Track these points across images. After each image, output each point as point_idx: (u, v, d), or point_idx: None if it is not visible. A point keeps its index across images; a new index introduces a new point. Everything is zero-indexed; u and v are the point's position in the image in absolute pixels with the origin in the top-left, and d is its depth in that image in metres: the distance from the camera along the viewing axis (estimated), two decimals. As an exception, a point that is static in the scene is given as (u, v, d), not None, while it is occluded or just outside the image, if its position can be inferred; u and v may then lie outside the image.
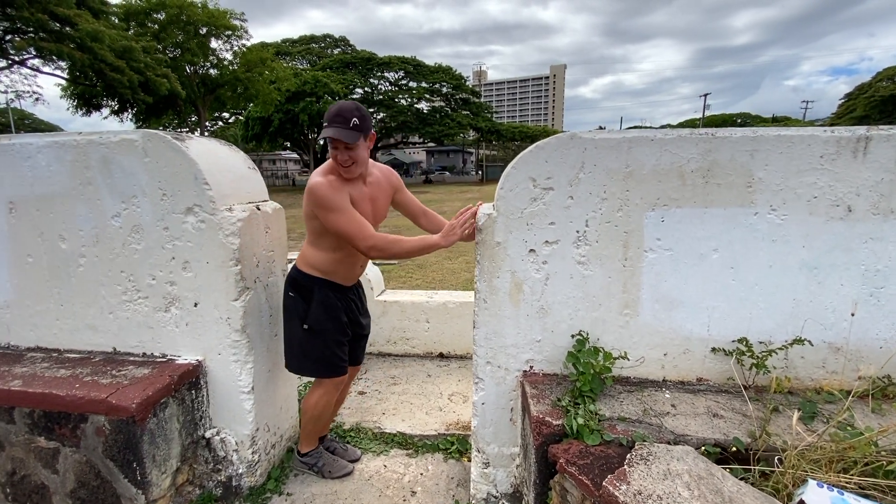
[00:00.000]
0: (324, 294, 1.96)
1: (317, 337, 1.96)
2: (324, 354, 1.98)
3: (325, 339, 1.97)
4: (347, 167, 1.80)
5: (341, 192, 1.79)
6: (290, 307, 1.99)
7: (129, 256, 1.95)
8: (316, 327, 1.95)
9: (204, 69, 25.35)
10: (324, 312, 1.95)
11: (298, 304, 1.96)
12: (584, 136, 1.67)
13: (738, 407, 1.63)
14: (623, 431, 1.46)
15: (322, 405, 2.09)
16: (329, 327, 1.97)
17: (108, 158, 1.88)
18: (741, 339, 1.70)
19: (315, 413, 2.09)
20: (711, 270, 1.71)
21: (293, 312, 1.98)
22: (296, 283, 1.97)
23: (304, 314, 1.95)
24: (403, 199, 2.15)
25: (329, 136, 1.74)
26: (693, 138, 1.64)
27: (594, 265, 1.75)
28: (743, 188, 1.65)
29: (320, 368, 2.01)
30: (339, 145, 1.76)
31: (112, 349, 2.05)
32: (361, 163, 1.83)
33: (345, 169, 1.81)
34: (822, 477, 1.28)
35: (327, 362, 2.00)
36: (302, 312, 1.95)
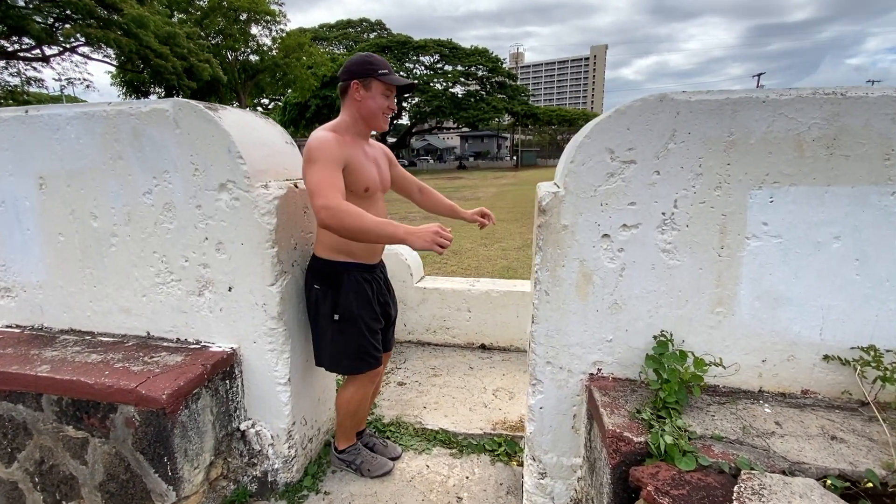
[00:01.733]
0: (353, 279, 1.78)
1: (350, 327, 1.79)
2: (359, 346, 1.81)
3: (359, 328, 1.80)
4: (388, 117, 1.76)
5: (338, 150, 1.60)
6: (317, 300, 1.81)
7: (161, 236, 1.83)
8: (348, 316, 1.78)
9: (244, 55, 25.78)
10: (356, 299, 1.78)
11: (326, 295, 1.78)
12: (678, 98, 1.38)
13: (859, 428, 1.34)
14: (722, 455, 1.21)
15: (357, 400, 1.94)
16: (363, 314, 1.80)
17: (138, 130, 1.75)
18: (869, 347, 1.39)
19: (351, 409, 1.94)
20: (830, 262, 1.41)
21: (321, 305, 1.80)
22: (320, 272, 1.79)
23: (334, 304, 1.77)
24: (398, 173, 2.03)
25: (403, 83, 1.71)
26: (817, 99, 1.32)
27: (682, 254, 1.48)
28: (879, 161, 1.33)
29: (355, 363, 1.84)
30: (393, 94, 1.72)
31: (146, 333, 1.96)
32: None
33: (384, 120, 1.74)
34: None
35: (362, 355, 1.83)
36: (331, 303, 1.78)
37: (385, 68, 1.68)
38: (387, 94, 1.70)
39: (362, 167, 1.70)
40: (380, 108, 1.70)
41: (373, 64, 1.66)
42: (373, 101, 1.69)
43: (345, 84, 1.70)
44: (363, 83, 1.67)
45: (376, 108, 1.70)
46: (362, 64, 1.67)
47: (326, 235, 1.76)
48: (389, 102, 1.72)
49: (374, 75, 1.66)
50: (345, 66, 1.70)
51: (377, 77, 1.66)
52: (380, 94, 1.69)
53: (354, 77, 1.67)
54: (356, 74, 1.66)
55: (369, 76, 1.66)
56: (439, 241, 1.49)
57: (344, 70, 1.70)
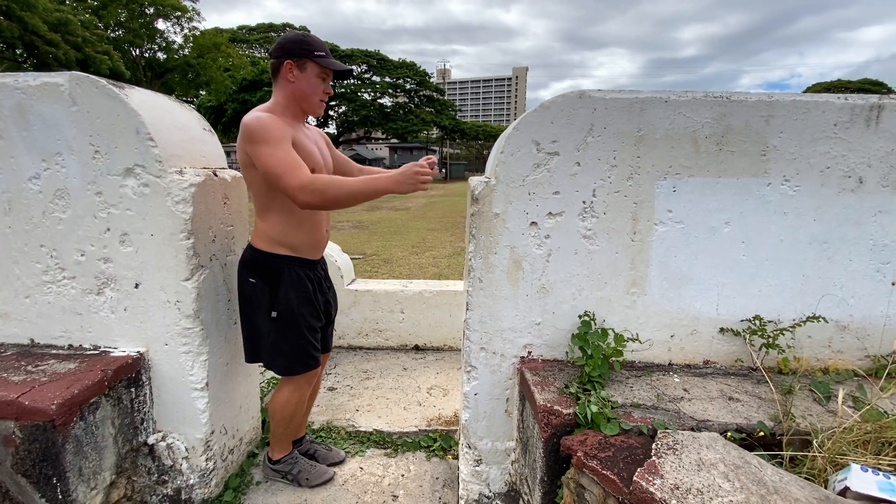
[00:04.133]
0: (294, 274, 1.67)
1: (288, 326, 1.68)
2: (297, 346, 1.70)
3: (298, 327, 1.69)
4: (325, 102, 1.67)
5: (283, 128, 1.51)
6: (252, 295, 1.68)
7: (50, 227, 1.61)
8: (287, 315, 1.66)
9: (151, 52, 23.67)
10: (296, 296, 1.67)
11: (262, 290, 1.66)
12: (594, 95, 1.51)
13: (751, 390, 1.53)
14: (641, 419, 1.31)
15: (294, 404, 1.81)
16: (303, 312, 1.69)
17: (24, 106, 1.54)
18: (755, 318, 1.60)
19: (286, 413, 1.81)
20: (722, 245, 1.60)
21: (256, 301, 1.67)
22: (256, 265, 1.66)
23: (271, 300, 1.66)
24: (338, 156, 1.95)
25: (340, 69, 1.64)
26: (708, 101, 1.51)
27: (601, 239, 1.59)
28: (757, 156, 1.54)
29: (293, 363, 1.72)
30: (329, 78, 1.65)
31: (29, 341, 1.70)
32: None
33: (319, 105, 1.66)
34: (855, 460, 1.17)
35: (300, 355, 1.72)
36: (268, 299, 1.66)
37: (322, 50, 1.60)
38: (322, 76, 1.62)
39: (305, 147, 1.60)
40: (315, 92, 1.62)
41: (309, 44, 1.58)
42: (307, 84, 1.60)
43: (277, 62, 1.59)
44: (297, 63, 1.58)
45: (311, 91, 1.61)
46: (298, 42, 1.58)
47: (268, 226, 1.64)
48: (325, 87, 1.65)
49: (310, 56, 1.57)
50: (278, 43, 1.60)
51: (313, 58, 1.58)
52: (315, 77, 1.60)
53: (288, 56, 1.57)
54: (290, 53, 1.57)
55: (304, 57, 1.57)
56: (422, 178, 1.51)
57: (277, 47, 1.60)
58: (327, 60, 1.61)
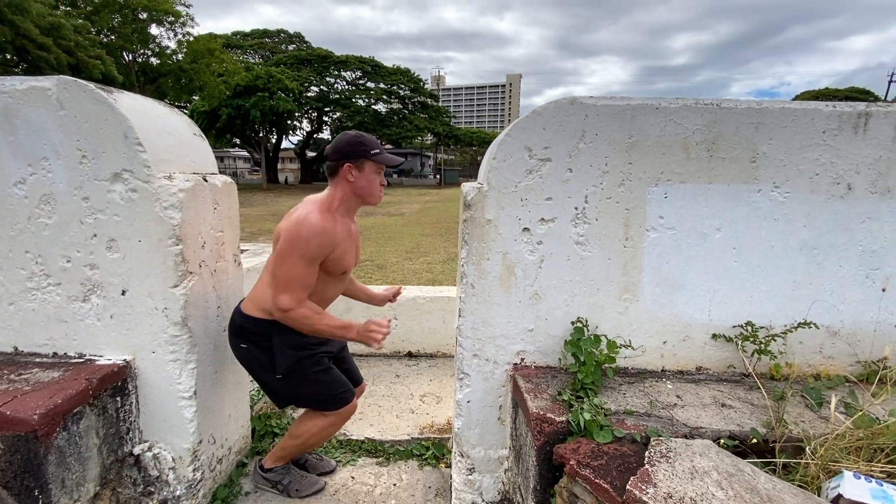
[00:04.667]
0: (283, 334, 1.65)
1: (300, 378, 1.69)
2: (320, 388, 1.73)
3: (309, 375, 1.70)
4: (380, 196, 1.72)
5: (328, 246, 1.58)
6: (249, 360, 1.70)
7: (36, 233, 1.58)
8: (292, 371, 1.66)
9: (144, 57, 23.55)
10: (291, 351, 1.66)
11: (255, 354, 1.67)
12: (586, 102, 1.51)
13: (743, 396, 1.53)
14: (634, 426, 1.30)
15: (325, 436, 1.83)
16: (305, 359, 1.69)
17: (10, 110, 1.51)
18: (747, 324, 1.60)
19: (312, 441, 1.82)
20: (714, 251, 1.60)
21: (255, 364, 1.70)
22: (245, 331, 1.66)
23: (271, 364, 1.65)
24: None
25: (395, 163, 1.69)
26: (698, 108, 1.52)
27: (593, 245, 1.59)
28: (747, 163, 1.55)
29: (324, 403, 1.75)
30: (384, 169, 1.70)
31: (12, 349, 1.66)
32: None
33: (380, 196, 1.71)
34: (847, 466, 1.17)
35: (327, 394, 1.74)
36: (267, 363, 1.66)
37: (376, 147, 1.65)
38: (379, 171, 1.67)
39: (345, 254, 1.67)
40: (374, 187, 1.67)
41: (364, 144, 1.62)
42: (366, 181, 1.64)
43: (335, 164, 1.63)
44: (356, 164, 1.61)
45: (370, 186, 1.66)
46: (354, 145, 1.61)
47: (261, 293, 1.65)
48: (381, 179, 1.70)
49: (367, 156, 1.62)
50: (335, 146, 1.64)
51: (370, 158, 1.62)
52: (373, 174, 1.65)
53: (346, 158, 1.61)
54: (347, 156, 1.61)
55: (361, 157, 1.61)
56: (373, 336, 1.59)
57: (334, 150, 1.64)
58: (383, 157, 1.65)
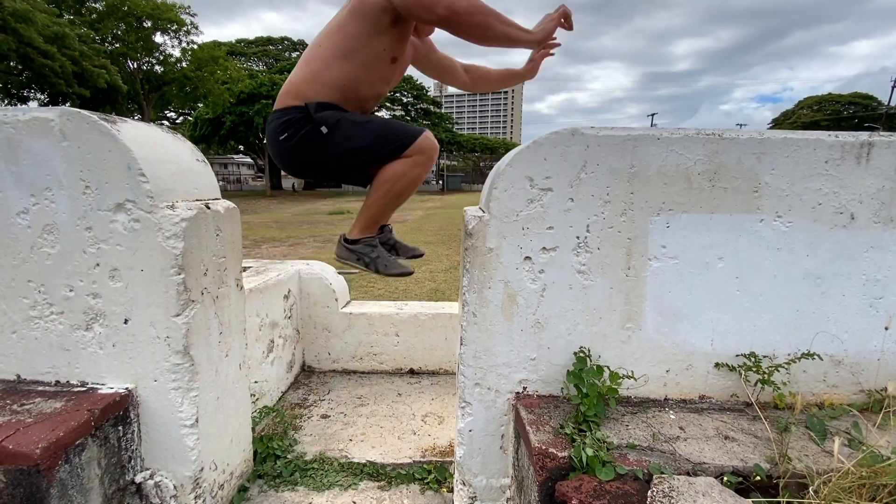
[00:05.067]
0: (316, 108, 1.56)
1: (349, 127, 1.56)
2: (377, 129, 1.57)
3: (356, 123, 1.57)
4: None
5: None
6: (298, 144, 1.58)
7: (39, 262, 1.59)
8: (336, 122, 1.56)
9: (148, 66, 23.76)
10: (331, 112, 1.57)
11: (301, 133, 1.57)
12: (587, 132, 1.51)
13: (746, 427, 1.51)
14: (636, 462, 1.29)
15: (410, 179, 1.61)
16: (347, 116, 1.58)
17: (13, 141, 1.53)
18: (750, 354, 1.59)
19: (397, 188, 1.61)
20: (716, 280, 1.60)
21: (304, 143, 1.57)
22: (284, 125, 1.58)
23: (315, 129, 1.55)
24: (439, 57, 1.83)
25: None
26: (700, 138, 1.52)
27: (595, 274, 1.59)
28: (749, 193, 1.55)
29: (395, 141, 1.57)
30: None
31: (15, 377, 1.66)
32: None
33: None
34: (853, 507, 1.16)
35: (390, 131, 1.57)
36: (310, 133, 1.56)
37: None
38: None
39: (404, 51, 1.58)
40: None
41: None
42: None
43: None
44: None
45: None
46: None
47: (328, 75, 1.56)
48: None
49: None
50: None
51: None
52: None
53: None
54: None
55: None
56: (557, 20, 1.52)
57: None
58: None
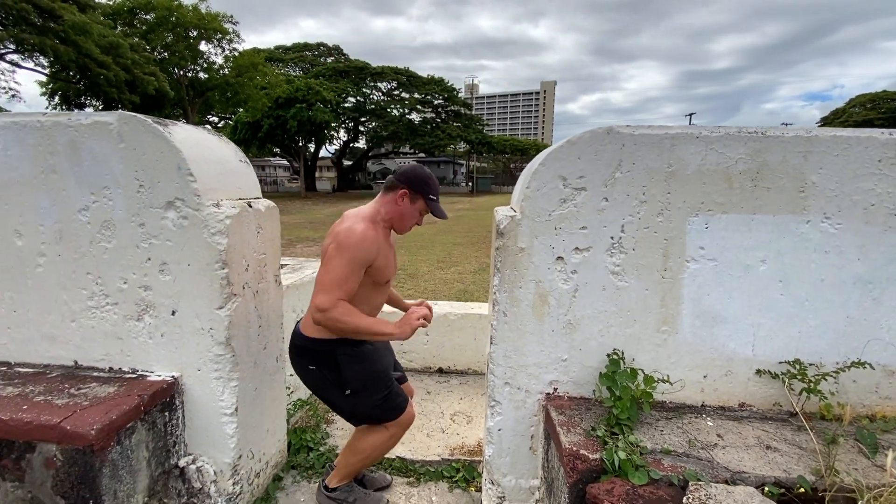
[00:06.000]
0: (348, 354, 1.69)
1: (368, 393, 1.73)
2: (383, 401, 1.76)
3: (377, 389, 1.74)
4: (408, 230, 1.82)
5: (373, 252, 1.63)
6: (317, 381, 1.75)
7: (97, 256, 1.71)
8: (361, 387, 1.71)
9: (193, 72, 24.94)
10: (360, 368, 1.71)
11: (325, 374, 1.71)
12: (623, 131, 1.49)
13: (790, 437, 1.45)
14: (671, 468, 1.26)
15: (385, 449, 1.86)
16: (374, 375, 1.74)
17: (76, 143, 1.65)
18: (794, 361, 1.52)
19: (374, 455, 1.85)
20: (758, 284, 1.54)
21: (323, 385, 1.74)
22: (309, 352, 1.71)
23: (340, 382, 1.70)
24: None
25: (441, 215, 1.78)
26: (742, 136, 1.47)
27: (630, 276, 1.56)
28: (794, 193, 1.49)
29: (384, 414, 1.78)
30: (425, 215, 1.80)
31: (73, 363, 1.79)
32: None
33: (408, 230, 1.81)
34: (908, 526, 1.09)
35: (388, 406, 1.78)
36: (336, 381, 1.71)
37: (435, 195, 1.77)
38: (422, 213, 1.78)
39: (388, 263, 1.74)
40: (411, 221, 1.78)
41: (429, 186, 1.74)
42: (409, 212, 1.74)
43: (395, 183, 1.73)
44: (412, 195, 1.71)
45: (409, 218, 1.76)
46: (422, 179, 1.73)
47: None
48: (420, 220, 1.81)
49: (425, 197, 1.73)
50: (406, 172, 1.76)
51: (426, 199, 1.73)
52: (416, 211, 1.75)
53: (408, 186, 1.71)
54: (411, 185, 1.71)
55: (419, 194, 1.72)
56: (422, 322, 1.66)
57: (402, 174, 1.75)
58: (435, 206, 1.77)
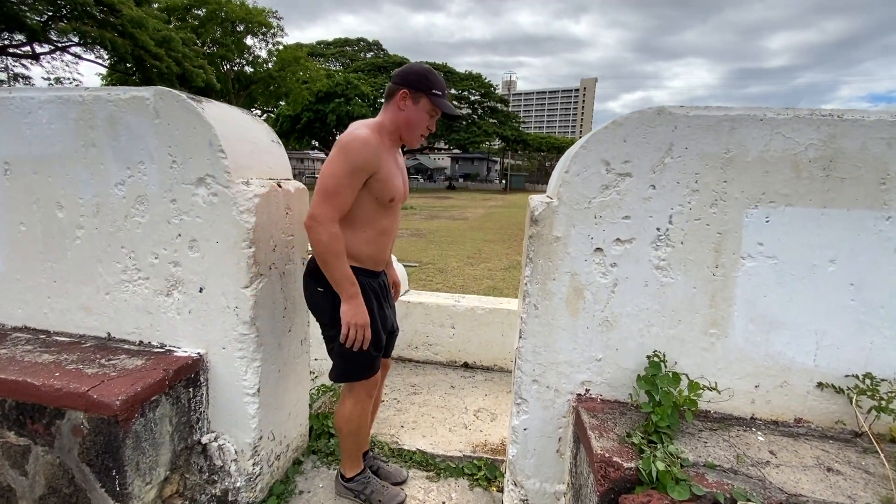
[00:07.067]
0: (360, 279, 1.63)
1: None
2: (359, 354, 1.67)
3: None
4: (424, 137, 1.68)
5: (374, 159, 1.52)
6: (321, 303, 1.67)
7: (131, 231, 1.73)
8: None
9: (239, 66, 25.82)
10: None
11: (328, 298, 1.64)
12: (676, 112, 1.36)
13: (854, 460, 1.29)
14: (717, 484, 1.14)
15: (357, 415, 1.78)
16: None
17: (115, 118, 1.66)
18: (865, 375, 1.35)
19: (352, 427, 1.79)
20: (825, 286, 1.38)
21: (326, 307, 1.66)
22: (322, 274, 1.62)
23: (334, 310, 1.64)
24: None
25: (451, 112, 1.64)
26: (814, 120, 1.31)
27: (676, 272, 1.43)
28: (874, 185, 1.31)
29: (350, 370, 1.71)
30: (437, 116, 1.66)
31: (106, 334, 1.82)
32: None
33: (419, 139, 1.66)
34: None
35: (361, 362, 1.69)
36: (332, 307, 1.64)
37: (440, 89, 1.60)
38: (432, 114, 1.63)
39: (393, 177, 1.62)
40: (419, 125, 1.62)
41: (429, 81, 1.59)
42: (415, 116, 1.60)
43: (394, 87, 1.60)
44: (413, 95, 1.58)
45: (416, 123, 1.61)
46: (420, 76, 1.58)
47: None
48: (430, 123, 1.65)
49: (428, 93, 1.58)
50: (401, 71, 1.62)
51: (429, 95, 1.58)
52: (424, 112, 1.60)
53: (407, 85, 1.58)
54: (410, 84, 1.58)
55: (422, 91, 1.58)
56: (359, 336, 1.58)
57: (399, 74, 1.62)
58: (441, 101, 1.60)
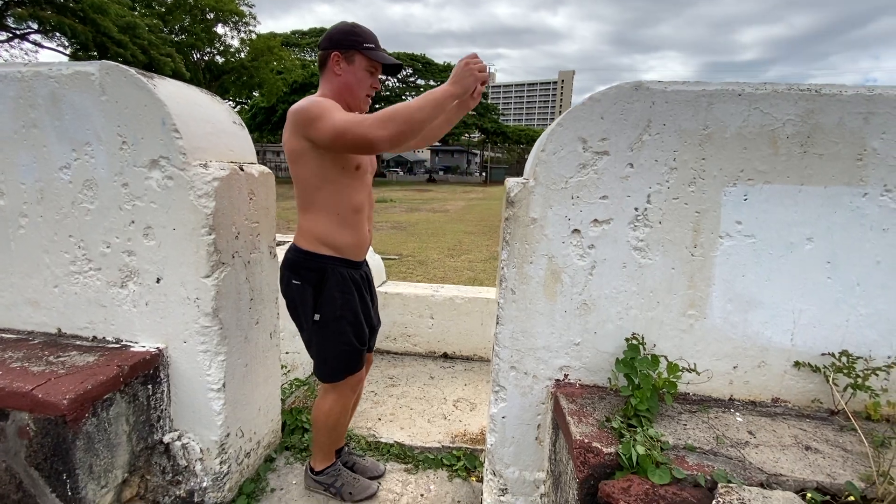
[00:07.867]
0: (338, 274, 1.56)
1: (332, 330, 1.57)
2: (341, 350, 1.60)
3: (343, 330, 1.58)
4: (371, 98, 1.58)
5: (335, 104, 1.43)
6: (298, 297, 1.58)
7: (79, 218, 1.60)
8: (330, 318, 1.57)
9: (210, 55, 24.97)
10: (340, 297, 1.56)
11: (305, 291, 1.56)
12: (653, 87, 1.32)
13: (832, 438, 1.28)
14: (697, 466, 1.11)
15: (338, 412, 1.71)
16: (347, 314, 1.58)
17: (57, 95, 1.53)
18: (841, 354, 1.35)
19: (330, 422, 1.72)
20: (802, 265, 1.36)
21: (302, 302, 1.57)
22: (299, 265, 1.56)
23: (315, 303, 1.56)
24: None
25: (389, 62, 1.54)
26: (792, 95, 1.29)
27: (655, 252, 1.40)
28: (851, 161, 1.30)
29: (336, 369, 1.63)
30: (378, 72, 1.56)
31: (56, 330, 1.70)
32: None
33: (365, 100, 1.57)
34: (980, 546, 0.93)
35: (344, 359, 1.62)
36: (311, 301, 1.56)
37: (371, 42, 1.50)
38: (371, 70, 1.52)
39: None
40: (361, 86, 1.52)
41: (357, 35, 1.49)
42: (353, 77, 1.50)
43: (324, 54, 1.50)
44: (345, 56, 1.48)
45: (357, 84, 1.51)
46: (346, 33, 1.48)
47: (311, 224, 1.55)
48: (373, 81, 1.54)
49: (359, 48, 1.48)
50: (326, 34, 1.52)
51: (361, 50, 1.48)
52: (362, 70, 1.50)
53: (336, 47, 1.48)
54: (338, 44, 1.48)
55: (352, 48, 1.48)
56: (478, 67, 1.38)
57: (325, 38, 1.52)
58: (375, 53, 1.51)
